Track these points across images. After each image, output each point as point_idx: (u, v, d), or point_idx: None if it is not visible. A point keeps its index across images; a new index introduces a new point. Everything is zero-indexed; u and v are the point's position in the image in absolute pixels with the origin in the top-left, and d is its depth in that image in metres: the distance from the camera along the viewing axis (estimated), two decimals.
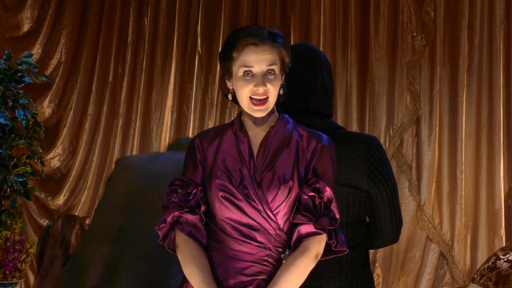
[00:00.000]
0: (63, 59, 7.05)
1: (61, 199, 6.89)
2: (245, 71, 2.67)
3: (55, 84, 7.00)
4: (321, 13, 6.64)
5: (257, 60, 2.65)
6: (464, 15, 6.25)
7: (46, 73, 6.76)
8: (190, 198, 2.73)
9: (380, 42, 6.44)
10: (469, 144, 6.20)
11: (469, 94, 6.22)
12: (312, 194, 2.63)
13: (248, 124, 2.76)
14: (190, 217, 2.71)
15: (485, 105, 6.17)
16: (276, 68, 2.68)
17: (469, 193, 6.18)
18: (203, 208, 2.71)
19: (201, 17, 6.98)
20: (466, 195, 6.17)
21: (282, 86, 2.75)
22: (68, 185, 6.90)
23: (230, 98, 2.78)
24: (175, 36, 6.99)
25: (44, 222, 6.71)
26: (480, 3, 6.24)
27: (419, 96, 6.32)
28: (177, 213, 2.71)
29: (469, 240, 6.18)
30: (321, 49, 6.44)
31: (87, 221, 5.45)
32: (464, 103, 6.20)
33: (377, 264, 6.30)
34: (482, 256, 6.06)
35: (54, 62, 7.03)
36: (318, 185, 2.64)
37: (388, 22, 6.45)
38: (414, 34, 6.38)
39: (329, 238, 2.66)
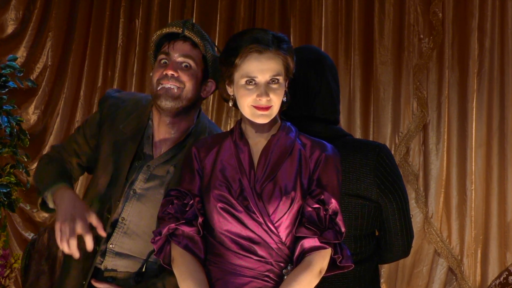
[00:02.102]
0: (49, 63, 7.03)
1: None
2: (247, 80, 2.68)
3: (41, 89, 6.97)
4: (323, 14, 6.64)
5: (261, 69, 2.67)
6: (474, 16, 6.24)
7: (32, 78, 6.75)
8: (187, 209, 2.74)
9: (385, 45, 6.43)
10: (479, 153, 6.18)
11: (479, 100, 6.20)
12: (316, 206, 2.64)
13: (249, 132, 2.78)
14: (186, 229, 2.72)
15: (496, 111, 6.16)
16: (280, 77, 2.70)
17: (480, 205, 6.17)
18: (200, 220, 2.72)
19: (196, 18, 6.95)
20: (476, 207, 6.15)
21: (285, 93, 2.76)
22: None
23: (231, 105, 2.79)
24: None
25: (30, 235, 6.69)
26: (491, 3, 6.23)
27: (427, 101, 6.31)
28: (173, 225, 2.72)
29: (479, 255, 6.17)
30: None
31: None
32: (474, 109, 6.18)
33: (382, 280, 6.29)
34: (493, 271, 6.05)
35: (40, 66, 7.01)
36: (323, 197, 2.65)
37: (393, 24, 6.45)
38: (421, 36, 6.37)
39: (334, 252, 2.66)
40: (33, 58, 7.01)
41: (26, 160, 5.94)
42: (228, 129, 3.23)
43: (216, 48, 3.29)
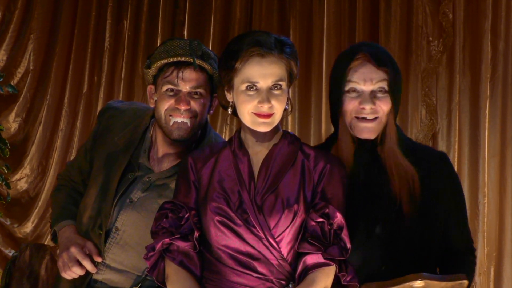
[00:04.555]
0: (31, 67, 7.02)
1: (29, 226, 6.87)
2: (248, 86, 2.69)
3: (22, 96, 6.96)
4: (324, 15, 6.64)
5: (263, 74, 2.68)
6: (487, 17, 6.23)
7: (12, 83, 6.76)
8: (182, 223, 2.74)
9: (391, 48, 6.42)
10: (492, 164, 6.17)
11: (492, 107, 6.19)
12: (320, 220, 2.65)
13: (249, 141, 2.79)
14: (181, 244, 2.72)
15: (511, 118, 6.16)
16: (283, 83, 2.71)
17: (493, 220, 6.15)
18: (196, 234, 2.72)
19: (188, 19, 6.97)
20: (489, 221, 6.14)
21: (288, 100, 2.78)
22: (37, 210, 6.87)
23: (230, 112, 2.81)
24: (159, 41, 6.95)
25: (10, 252, 6.69)
26: (505, 3, 6.21)
27: (436, 109, 6.30)
28: (167, 240, 2.72)
29: (492, 273, 6.16)
30: (324, 55, 6.51)
31: (58, 252, 5.45)
32: (487, 116, 6.17)
33: None
34: None
35: (21, 70, 7.00)
36: (327, 210, 2.66)
37: (400, 25, 6.44)
38: (430, 38, 6.37)
39: (339, 270, 2.67)
40: (13, 62, 6.99)
41: (6, 171, 5.95)
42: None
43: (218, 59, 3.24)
